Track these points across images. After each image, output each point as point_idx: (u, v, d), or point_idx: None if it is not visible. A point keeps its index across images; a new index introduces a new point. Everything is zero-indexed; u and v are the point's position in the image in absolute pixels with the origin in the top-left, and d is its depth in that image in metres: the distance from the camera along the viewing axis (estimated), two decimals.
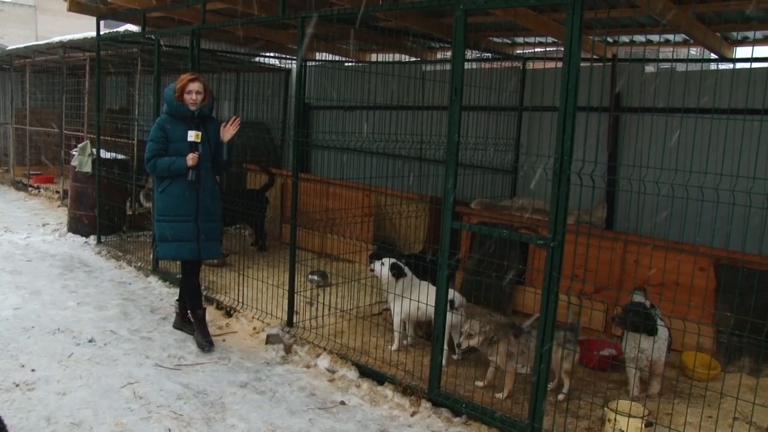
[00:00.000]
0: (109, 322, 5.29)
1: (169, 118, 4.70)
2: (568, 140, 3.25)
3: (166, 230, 4.70)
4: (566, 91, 3.24)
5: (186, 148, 4.63)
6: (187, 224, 4.69)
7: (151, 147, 4.67)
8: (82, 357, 4.53)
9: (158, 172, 4.66)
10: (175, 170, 4.62)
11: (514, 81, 7.61)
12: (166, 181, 4.68)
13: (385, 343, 4.98)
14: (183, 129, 4.66)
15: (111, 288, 6.31)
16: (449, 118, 3.81)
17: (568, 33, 3.21)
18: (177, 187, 4.66)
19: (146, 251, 7.29)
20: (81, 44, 9.75)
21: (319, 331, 5.08)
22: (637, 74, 6.79)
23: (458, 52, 3.75)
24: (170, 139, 4.66)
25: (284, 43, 8.87)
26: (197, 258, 4.81)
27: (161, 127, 4.68)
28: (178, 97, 4.65)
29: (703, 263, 4.86)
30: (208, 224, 4.77)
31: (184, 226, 4.69)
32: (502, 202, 7.17)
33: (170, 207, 4.68)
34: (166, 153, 4.66)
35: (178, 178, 4.65)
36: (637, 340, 4.01)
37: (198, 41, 6.10)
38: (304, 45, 4.96)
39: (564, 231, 3.33)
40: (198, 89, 4.66)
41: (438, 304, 3.98)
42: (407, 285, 4.75)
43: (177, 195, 4.66)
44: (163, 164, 4.63)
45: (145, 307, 5.78)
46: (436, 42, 7.88)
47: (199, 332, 4.91)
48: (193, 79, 4.67)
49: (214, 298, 5.93)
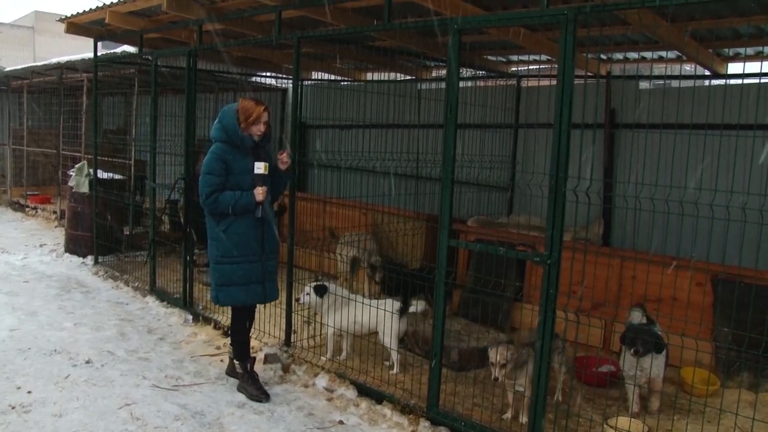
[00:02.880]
0: (106, 343, 5.26)
1: (228, 148, 4.20)
2: (563, 157, 3.27)
3: (232, 273, 4.22)
4: (561, 108, 3.27)
5: (248, 181, 4.19)
6: (254, 265, 4.26)
7: (210, 181, 4.14)
8: (79, 378, 4.50)
9: (220, 208, 4.15)
10: (242, 207, 4.16)
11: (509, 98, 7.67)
12: (228, 218, 4.20)
13: (384, 362, 4.97)
14: (245, 160, 4.21)
15: (108, 308, 6.28)
16: (445, 136, 3.83)
17: (561, 51, 3.25)
18: (243, 225, 4.20)
19: (143, 271, 7.28)
20: (78, 65, 9.82)
21: (317, 350, 5.06)
22: (631, 91, 6.86)
23: (453, 70, 3.78)
24: (232, 171, 4.19)
25: (280, 62, 8.94)
26: (263, 302, 4.40)
27: (221, 158, 4.17)
28: (245, 129, 4.19)
29: (700, 278, 4.87)
30: (271, 263, 4.38)
31: (251, 268, 4.25)
32: (498, 219, 7.19)
33: (236, 247, 4.20)
34: (225, 187, 4.19)
35: (243, 215, 4.20)
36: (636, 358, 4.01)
37: (194, 62, 6.14)
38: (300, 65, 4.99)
39: (560, 248, 3.35)
40: (267, 119, 4.26)
41: (435, 322, 3.97)
42: (338, 301, 4.86)
43: (243, 233, 4.21)
44: (226, 200, 4.14)
45: (142, 328, 5.76)
46: (432, 61, 7.95)
47: (252, 384, 4.44)
48: (266, 108, 4.26)
49: (211, 318, 5.90)
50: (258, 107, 4.20)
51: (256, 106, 4.20)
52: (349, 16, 5.69)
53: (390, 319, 4.70)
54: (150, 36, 7.40)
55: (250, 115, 4.18)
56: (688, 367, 4.52)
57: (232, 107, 4.26)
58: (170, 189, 6.86)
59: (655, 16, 4.80)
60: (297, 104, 5.07)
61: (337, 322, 4.88)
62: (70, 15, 7.27)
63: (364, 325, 4.85)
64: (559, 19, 3.25)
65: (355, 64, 8.90)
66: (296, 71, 5.03)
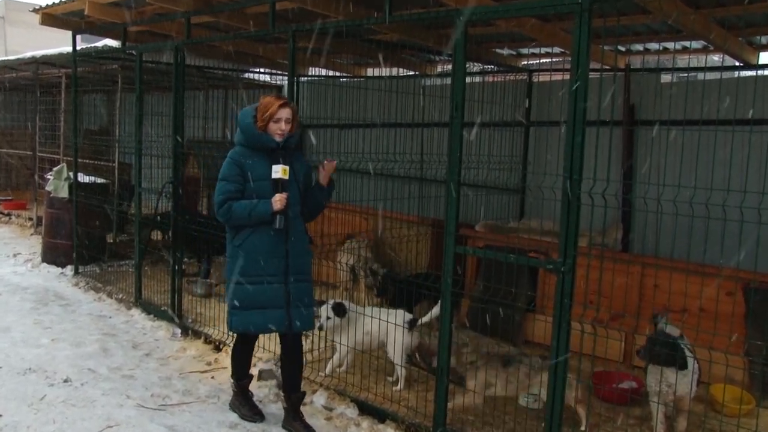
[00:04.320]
0: (87, 360, 5.26)
1: (246, 151, 3.99)
2: (577, 157, 3.28)
3: (246, 295, 3.96)
4: (575, 105, 3.28)
5: (269, 189, 3.93)
6: (274, 286, 3.96)
7: (224, 188, 3.94)
8: (56, 399, 4.48)
9: (234, 219, 3.94)
10: (258, 216, 3.89)
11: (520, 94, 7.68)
12: (245, 231, 3.96)
13: (386, 377, 4.97)
14: (265, 164, 3.96)
15: (89, 322, 6.29)
16: (451, 135, 3.84)
17: (576, 42, 3.26)
18: (261, 239, 3.95)
19: (128, 282, 7.29)
20: (56, 60, 9.84)
21: (314, 366, 5.06)
22: (652, 84, 6.86)
23: (459, 65, 3.80)
24: (249, 177, 3.95)
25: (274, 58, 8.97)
26: (287, 331, 4.05)
27: (236, 162, 3.96)
28: (262, 127, 3.96)
29: (730, 287, 4.85)
30: (299, 285, 4.04)
31: (270, 289, 3.96)
32: (509, 224, 7.19)
33: (252, 264, 3.94)
34: (242, 196, 3.96)
35: (262, 227, 3.94)
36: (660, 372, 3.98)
37: (182, 57, 6.17)
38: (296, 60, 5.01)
39: (575, 254, 3.35)
40: (288, 117, 3.97)
41: (442, 334, 3.98)
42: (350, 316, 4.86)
43: (261, 249, 3.95)
44: (241, 209, 3.90)
45: (126, 343, 5.76)
46: (436, 55, 7.98)
47: (245, 403, 4.38)
48: (284, 104, 3.98)
49: (201, 332, 5.91)
50: (276, 102, 3.96)
51: (274, 102, 3.97)
52: (348, 7, 5.71)
53: (398, 332, 4.71)
54: (134, 29, 7.43)
55: (266, 111, 3.94)
56: (718, 384, 4.50)
57: (251, 106, 4.08)
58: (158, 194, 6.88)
59: (678, 2, 4.78)
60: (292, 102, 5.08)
61: (350, 338, 4.88)
62: (45, 5, 7.21)
63: (373, 339, 4.86)
64: (574, 8, 3.26)
65: (354, 59, 8.93)
66: (292, 67, 5.05)
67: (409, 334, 4.74)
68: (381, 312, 4.85)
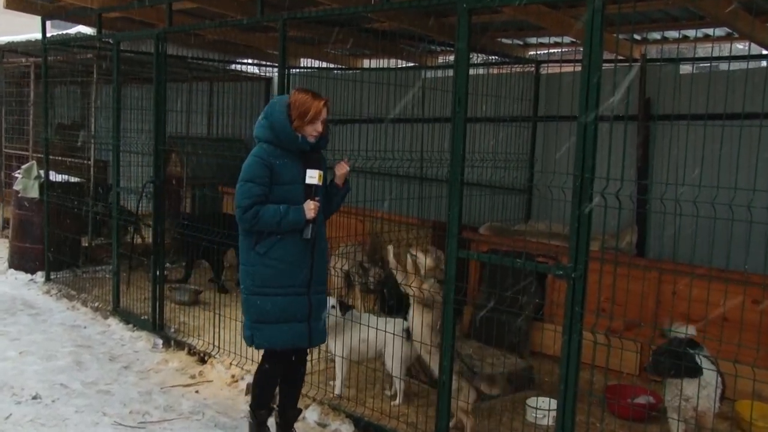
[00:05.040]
0: (59, 374, 5.24)
1: (276, 151, 3.85)
2: (589, 155, 3.28)
3: (272, 308, 3.86)
4: (586, 98, 3.28)
5: (298, 194, 3.85)
6: (299, 299, 3.90)
7: (250, 190, 3.78)
8: (24, 418, 4.45)
9: (261, 226, 3.79)
10: (289, 224, 3.79)
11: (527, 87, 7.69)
12: (271, 238, 3.84)
13: (383, 391, 4.96)
14: (296, 167, 3.87)
15: (62, 333, 6.27)
16: (453, 132, 3.84)
17: (587, 31, 3.26)
18: (289, 248, 3.85)
19: (105, 289, 7.28)
20: (22, 48, 9.79)
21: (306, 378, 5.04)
22: (670, 76, 6.86)
23: (462, 56, 3.80)
24: (278, 179, 3.83)
25: (264, 48, 8.97)
26: (308, 346, 4.08)
27: (266, 163, 3.81)
28: (299, 127, 3.84)
29: (756, 294, 4.85)
30: (319, 297, 4.02)
31: (297, 302, 3.89)
32: (515, 226, 7.19)
33: (278, 274, 3.85)
34: (267, 200, 3.83)
35: (290, 235, 3.84)
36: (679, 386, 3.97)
37: (164, 46, 6.16)
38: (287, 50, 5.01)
39: (587, 259, 3.35)
40: (326, 117, 3.92)
41: (444, 344, 3.97)
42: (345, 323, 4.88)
43: (288, 258, 3.85)
44: (270, 215, 3.76)
45: (103, 355, 5.75)
46: (438, 45, 7.98)
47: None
48: (326, 103, 3.91)
49: (185, 342, 5.91)
50: (317, 102, 3.85)
51: (313, 100, 3.84)
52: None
53: (396, 342, 4.70)
54: (111, 15, 7.40)
55: (306, 111, 3.81)
56: (744, 401, 4.49)
57: (282, 100, 3.95)
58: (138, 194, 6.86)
59: None
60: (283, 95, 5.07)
61: (345, 346, 4.87)
62: None
63: (369, 348, 4.85)
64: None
65: (349, 49, 8.94)
66: (282, 58, 5.05)
67: (408, 343, 4.73)
68: (378, 320, 4.85)
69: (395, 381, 4.82)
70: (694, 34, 6.74)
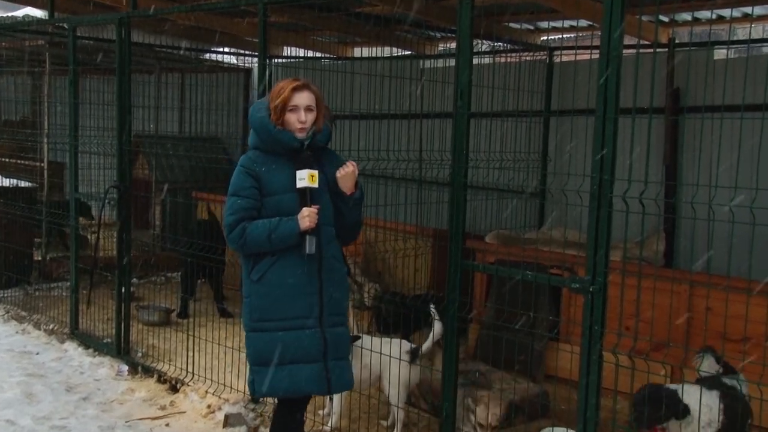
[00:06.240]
0: (5, 409, 5.20)
1: (261, 156, 3.68)
2: (609, 153, 3.29)
3: (272, 346, 3.59)
4: (605, 89, 3.29)
5: (294, 203, 3.60)
6: (305, 333, 3.60)
7: (235, 206, 3.61)
8: None
9: (251, 245, 3.58)
10: (281, 239, 3.54)
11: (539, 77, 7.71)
12: (264, 260, 3.62)
13: (379, 420, 4.95)
14: (288, 171, 3.63)
15: (10, 361, 6.23)
16: (455, 128, 3.85)
17: (606, 13, 3.28)
18: (286, 270, 3.61)
19: (61, 308, 7.25)
20: None
21: None
22: (702, 62, 6.87)
23: (465, 43, 3.81)
24: (267, 189, 3.63)
25: (242, 35, 8.99)
26: (326, 393, 3.83)
27: (249, 170, 3.64)
28: (278, 121, 3.63)
29: None
30: (336, 330, 3.70)
31: (303, 337, 3.60)
32: (525, 234, 7.20)
33: (276, 305, 3.60)
34: (259, 215, 3.63)
35: (287, 254, 3.60)
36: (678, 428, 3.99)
37: (128, 32, 6.16)
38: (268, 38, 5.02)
39: (607, 271, 3.36)
40: (308, 103, 3.64)
41: (447, 367, 3.98)
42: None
43: (287, 282, 3.60)
44: (259, 232, 3.55)
45: (58, 385, 5.72)
46: (438, 31, 8.01)
47: None
48: (299, 86, 3.64)
49: (154, 369, 5.89)
50: (287, 84, 3.63)
51: (288, 84, 3.64)
52: None
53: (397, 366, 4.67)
54: None
55: (278, 96, 3.61)
56: None
57: (265, 99, 3.81)
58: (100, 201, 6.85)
59: None
60: (264, 88, 5.09)
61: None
62: None
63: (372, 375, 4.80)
64: None
65: (338, 36, 8.96)
66: (263, 46, 5.06)
67: (412, 367, 4.72)
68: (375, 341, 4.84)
69: (393, 410, 4.82)
70: (729, 14, 6.72)
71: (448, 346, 4.00)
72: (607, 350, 3.41)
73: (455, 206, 3.86)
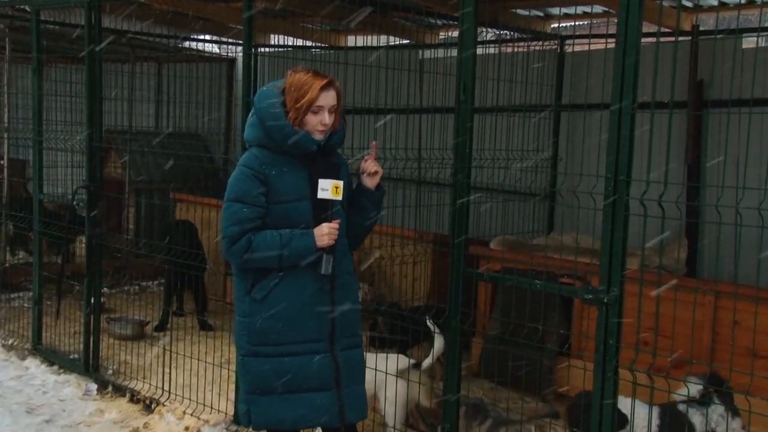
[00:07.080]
0: None
1: (269, 156, 3.50)
2: (625, 151, 3.29)
3: (275, 372, 3.47)
4: (622, 81, 3.30)
5: (306, 213, 3.49)
6: (317, 359, 3.48)
7: (240, 214, 3.43)
8: None
9: (258, 259, 3.42)
10: (296, 256, 3.42)
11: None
12: (270, 277, 3.48)
13: None
14: (298, 175, 3.51)
15: None
16: (457, 124, 3.85)
17: None
18: (295, 289, 3.48)
19: (23, 321, 7.24)
20: None
21: None
22: (728, 52, 6.87)
23: (468, 31, 3.81)
24: (276, 195, 3.47)
25: (226, 21, 8.98)
26: (338, 425, 3.58)
27: (257, 174, 3.46)
28: (296, 120, 3.48)
29: None
30: (350, 353, 3.60)
31: (312, 363, 3.47)
32: (534, 240, 7.21)
33: (282, 327, 3.47)
34: (264, 224, 3.47)
35: (297, 271, 3.48)
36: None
37: (98, 17, 6.14)
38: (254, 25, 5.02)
39: (622, 280, 3.36)
40: (333, 103, 3.51)
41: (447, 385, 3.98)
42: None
43: (296, 303, 3.47)
44: (268, 245, 3.39)
45: (17, 407, 5.69)
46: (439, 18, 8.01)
47: None
48: (327, 84, 3.48)
49: (126, 387, 5.88)
50: (313, 80, 3.45)
51: (313, 79, 3.46)
52: None
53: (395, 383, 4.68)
54: None
55: (302, 94, 3.44)
56: None
57: (274, 85, 3.61)
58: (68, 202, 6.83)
59: None
60: (249, 81, 5.09)
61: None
62: None
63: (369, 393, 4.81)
64: None
65: (330, 24, 8.96)
66: (248, 34, 5.06)
67: (411, 385, 4.72)
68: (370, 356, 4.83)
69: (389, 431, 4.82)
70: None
71: (450, 362, 4.00)
72: (623, 367, 3.41)
73: (457, 209, 3.86)
